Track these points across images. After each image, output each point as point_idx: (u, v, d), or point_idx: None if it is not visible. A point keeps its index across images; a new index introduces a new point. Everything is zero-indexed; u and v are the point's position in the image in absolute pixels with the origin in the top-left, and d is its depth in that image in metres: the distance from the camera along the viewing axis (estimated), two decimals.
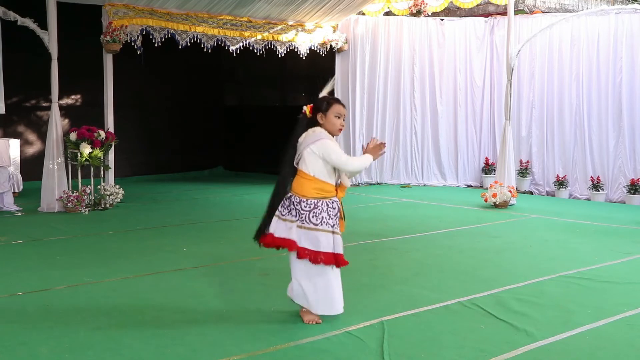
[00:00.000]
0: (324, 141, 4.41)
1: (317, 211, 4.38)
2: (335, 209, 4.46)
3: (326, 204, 4.42)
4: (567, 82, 11.43)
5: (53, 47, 9.27)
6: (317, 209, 4.38)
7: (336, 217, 4.46)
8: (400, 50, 12.66)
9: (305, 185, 4.42)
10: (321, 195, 4.42)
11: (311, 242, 4.36)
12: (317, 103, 4.55)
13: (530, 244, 7.38)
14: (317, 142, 4.41)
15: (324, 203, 4.42)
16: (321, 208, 4.39)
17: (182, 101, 14.43)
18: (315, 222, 4.37)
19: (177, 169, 14.30)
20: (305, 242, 4.37)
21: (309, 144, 4.42)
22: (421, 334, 4.33)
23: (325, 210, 4.40)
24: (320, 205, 4.40)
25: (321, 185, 4.43)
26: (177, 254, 6.72)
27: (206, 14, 11.09)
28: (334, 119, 4.49)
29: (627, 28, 10.71)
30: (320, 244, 4.36)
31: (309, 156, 4.42)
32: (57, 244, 7.18)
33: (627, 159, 10.76)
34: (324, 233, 4.38)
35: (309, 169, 4.43)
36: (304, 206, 4.39)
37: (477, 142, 12.75)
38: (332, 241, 4.40)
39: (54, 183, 9.27)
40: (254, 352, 3.96)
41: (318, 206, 4.39)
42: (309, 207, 4.38)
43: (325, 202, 4.43)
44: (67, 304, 4.96)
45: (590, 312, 4.80)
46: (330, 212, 4.42)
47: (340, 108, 4.52)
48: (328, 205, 4.42)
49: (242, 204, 10.43)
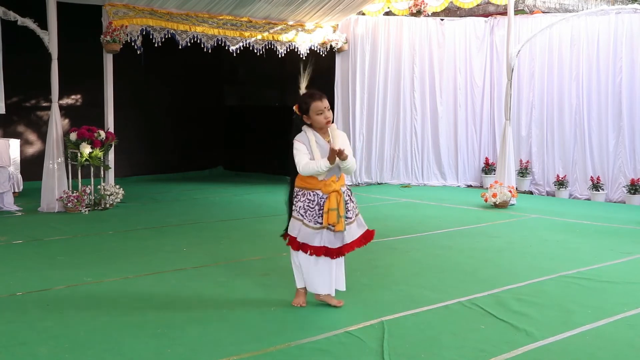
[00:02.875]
0: (295, 142, 4.74)
1: (297, 199, 4.75)
2: (314, 201, 4.69)
3: (304, 194, 4.72)
4: (567, 82, 11.43)
5: (53, 47, 9.26)
6: (297, 197, 4.75)
7: (313, 210, 4.68)
8: (400, 50, 12.66)
9: (297, 177, 4.78)
10: (303, 186, 4.73)
11: (292, 229, 4.77)
12: (299, 105, 4.75)
13: (530, 243, 7.38)
14: (294, 142, 4.73)
15: (303, 193, 4.73)
16: (299, 197, 4.74)
17: (182, 101, 14.42)
18: (295, 208, 4.75)
19: (177, 168, 14.29)
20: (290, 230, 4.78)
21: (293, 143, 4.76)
22: (421, 334, 4.33)
23: (301, 199, 4.72)
24: (300, 194, 4.74)
25: (304, 178, 4.72)
26: (177, 254, 6.72)
27: (206, 14, 11.09)
28: (316, 116, 4.68)
29: (627, 28, 10.71)
30: (292, 230, 4.74)
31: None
32: (57, 244, 7.19)
33: (627, 159, 10.76)
34: (295, 220, 4.73)
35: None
36: (294, 195, 4.79)
37: (477, 142, 12.75)
38: (298, 228, 4.70)
39: (54, 183, 9.27)
40: (254, 352, 3.96)
41: (298, 195, 4.75)
42: (297, 198, 4.76)
43: (305, 192, 4.72)
44: (67, 304, 4.96)
45: (590, 312, 4.80)
46: (306, 203, 4.71)
47: (317, 104, 4.66)
48: (306, 196, 4.71)
49: (242, 204, 10.43)
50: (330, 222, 4.63)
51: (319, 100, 4.66)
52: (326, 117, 4.67)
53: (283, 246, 6.94)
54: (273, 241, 7.32)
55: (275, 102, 15.59)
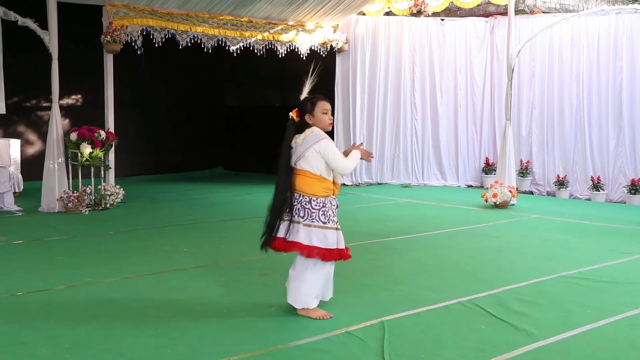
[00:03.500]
0: (325, 141, 4.52)
1: (325, 209, 4.52)
2: (335, 206, 4.63)
3: (330, 202, 4.58)
4: (567, 82, 11.42)
5: (53, 47, 9.26)
6: (325, 207, 4.53)
7: (335, 214, 4.61)
8: (401, 50, 12.66)
9: (314, 184, 4.53)
10: (327, 194, 4.57)
11: (320, 240, 4.49)
12: (302, 105, 4.62)
13: (531, 244, 7.38)
14: (319, 142, 4.51)
15: (329, 201, 4.57)
16: (328, 206, 4.55)
17: (183, 101, 14.43)
18: (323, 220, 4.50)
19: (177, 169, 14.30)
20: (315, 241, 4.49)
21: (312, 145, 4.50)
22: (421, 334, 4.33)
23: (330, 208, 4.56)
24: (327, 204, 4.55)
25: (327, 183, 4.57)
26: (177, 254, 6.72)
27: (206, 14, 11.09)
28: (322, 115, 4.59)
29: (628, 28, 10.71)
30: (328, 241, 4.50)
31: (313, 156, 4.51)
32: (57, 244, 7.19)
33: (628, 159, 10.75)
34: (331, 231, 4.52)
35: (314, 169, 4.53)
36: (314, 205, 4.51)
37: (477, 142, 12.75)
38: (336, 238, 4.54)
39: (54, 183, 9.27)
40: (254, 352, 3.96)
41: (326, 204, 4.54)
42: (319, 206, 4.52)
43: (329, 200, 4.58)
44: (68, 304, 4.96)
45: (591, 312, 4.80)
46: (334, 210, 4.59)
47: (324, 104, 4.61)
48: (331, 203, 4.59)
49: (242, 204, 10.43)
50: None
51: (325, 101, 4.64)
52: (330, 118, 4.64)
53: None
54: None
55: (276, 102, 15.59)
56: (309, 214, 4.50)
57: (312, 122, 4.58)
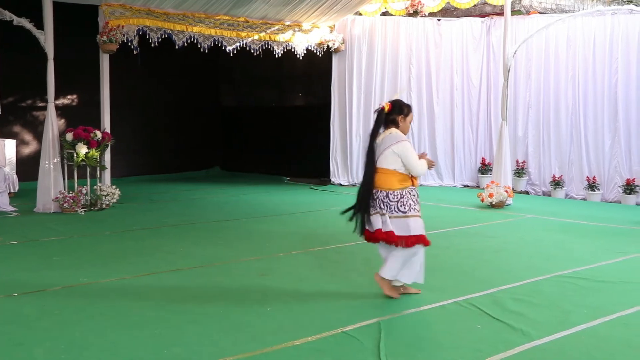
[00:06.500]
0: (404, 143, 5.08)
1: (404, 200, 5.03)
2: (416, 195, 5.13)
3: (408, 192, 5.07)
4: (563, 82, 11.45)
5: (49, 47, 9.25)
6: (404, 198, 5.03)
7: (418, 202, 5.12)
8: (397, 50, 12.66)
9: (389, 179, 5.06)
10: (403, 186, 5.06)
11: (402, 229, 4.98)
12: (400, 105, 5.20)
13: (527, 244, 7.39)
14: (398, 143, 5.06)
15: (407, 192, 5.06)
16: (407, 197, 5.04)
17: (179, 101, 14.42)
18: (403, 210, 5.00)
19: (173, 169, 14.29)
20: (398, 231, 4.98)
21: (391, 145, 5.05)
22: (418, 334, 4.34)
23: (410, 197, 5.05)
24: (406, 194, 5.04)
25: (403, 177, 5.07)
26: (174, 254, 6.71)
27: (203, 14, 11.08)
28: (409, 124, 5.28)
29: (623, 29, 10.73)
30: (410, 228, 4.98)
31: (391, 155, 5.05)
32: (53, 245, 7.17)
33: (623, 159, 10.78)
34: (413, 218, 5.02)
35: (390, 165, 5.06)
36: (391, 198, 5.03)
37: (473, 142, 12.76)
38: (420, 224, 5.04)
39: (50, 183, 9.25)
40: (252, 353, 3.96)
41: (404, 196, 5.04)
42: (396, 198, 5.02)
43: (407, 190, 5.06)
44: (64, 304, 4.95)
45: (586, 312, 4.81)
46: (414, 199, 5.09)
47: (412, 116, 5.32)
48: (410, 193, 5.08)
49: (239, 204, 10.43)
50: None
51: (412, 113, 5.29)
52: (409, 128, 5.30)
53: (280, 247, 6.99)
54: (270, 242, 7.33)
55: (272, 102, 15.59)
56: (388, 207, 5.01)
57: (401, 124, 5.16)
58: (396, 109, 5.15)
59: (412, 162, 5.05)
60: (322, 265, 6.27)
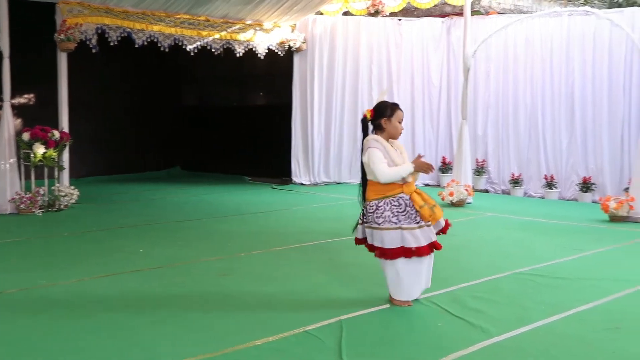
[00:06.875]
0: (369, 150, 4.76)
1: (380, 212, 4.72)
2: (402, 205, 4.73)
3: (388, 203, 4.72)
4: (521, 82, 11.61)
5: (4, 45, 9.07)
6: (379, 209, 4.72)
7: (404, 212, 4.72)
8: (358, 50, 12.71)
9: (369, 190, 4.84)
10: (381, 196, 4.74)
11: (378, 240, 4.75)
12: (381, 108, 4.89)
13: (487, 241, 7.49)
14: (366, 151, 4.78)
15: (386, 202, 4.73)
16: (383, 208, 4.72)
17: (139, 101, 14.26)
18: (378, 222, 4.72)
19: (133, 169, 14.12)
20: (376, 241, 4.77)
21: (363, 154, 4.84)
22: (379, 332, 4.35)
23: (388, 209, 4.71)
24: (382, 206, 4.73)
25: (379, 187, 4.75)
26: (134, 255, 6.64)
27: (163, 13, 10.97)
28: (397, 123, 4.89)
29: (579, 30, 10.92)
30: (385, 242, 4.70)
31: (365, 166, 4.83)
32: (9, 247, 7.03)
33: (580, 158, 10.97)
34: (388, 231, 4.69)
35: (369, 175, 4.83)
36: (368, 209, 4.79)
37: (434, 141, 12.87)
38: (400, 236, 4.68)
39: (5, 184, 9.07)
40: (212, 353, 3.93)
41: (380, 207, 4.73)
42: (372, 209, 4.76)
43: (387, 201, 4.73)
44: (20, 308, 4.85)
45: (544, 308, 4.88)
46: (394, 210, 4.71)
47: (401, 113, 4.92)
48: (391, 204, 4.72)
49: (200, 204, 10.35)
50: (429, 217, 4.79)
51: (401, 111, 4.91)
52: (402, 127, 4.93)
53: (241, 246, 6.96)
54: (231, 241, 7.30)
55: (234, 102, 15.52)
56: (367, 218, 4.80)
57: (386, 127, 4.84)
58: (378, 113, 4.86)
59: (374, 168, 4.70)
60: (284, 264, 6.27)
